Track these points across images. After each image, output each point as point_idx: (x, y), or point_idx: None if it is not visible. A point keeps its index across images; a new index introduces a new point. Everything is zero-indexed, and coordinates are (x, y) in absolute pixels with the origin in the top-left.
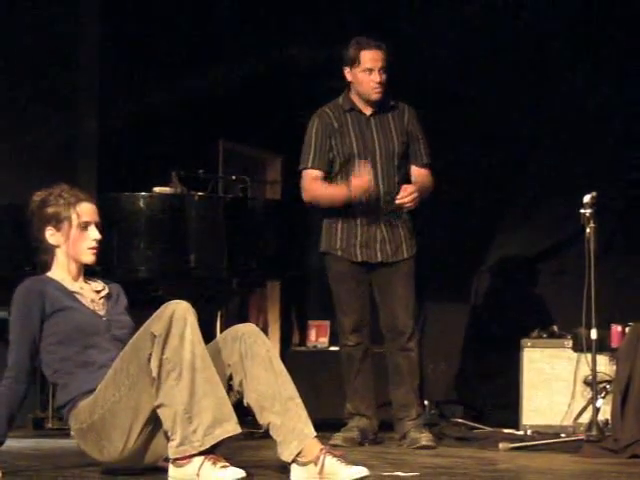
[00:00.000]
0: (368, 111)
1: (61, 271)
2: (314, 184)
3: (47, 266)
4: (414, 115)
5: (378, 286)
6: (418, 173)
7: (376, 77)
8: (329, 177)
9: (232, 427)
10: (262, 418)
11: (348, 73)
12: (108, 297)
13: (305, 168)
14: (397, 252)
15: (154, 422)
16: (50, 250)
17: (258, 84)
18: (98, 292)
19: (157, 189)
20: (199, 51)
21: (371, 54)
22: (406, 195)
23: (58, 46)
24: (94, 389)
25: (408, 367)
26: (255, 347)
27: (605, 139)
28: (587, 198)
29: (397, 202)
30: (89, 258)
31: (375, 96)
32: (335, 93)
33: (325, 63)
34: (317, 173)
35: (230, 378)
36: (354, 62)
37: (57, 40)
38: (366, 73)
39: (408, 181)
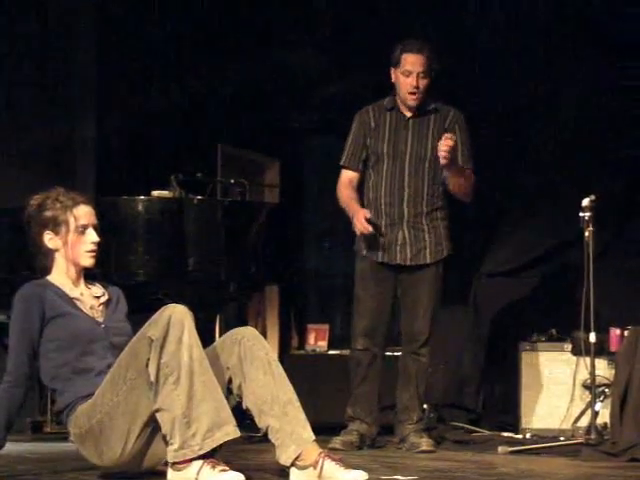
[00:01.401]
0: (409, 113)
1: (61, 275)
2: (344, 190)
3: (47, 270)
4: (458, 120)
5: (403, 288)
6: None
7: (413, 81)
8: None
9: (231, 430)
10: (261, 421)
11: (393, 73)
12: (108, 303)
13: (342, 165)
14: (418, 256)
15: (153, 426)
16: (49, 254)
17: (257, 88)
18: (98, 298)
19: (156, 193)
20: (197, 55)
21: (412, 58)
22: (445, 141)
23: (56, 50)
24: (92, 394)
25: (416, 371)
26: (254, 350)
27: (604, 142)
28: (586, 201)
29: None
30: (88, 261)
31: (410, 102)
32: (334, 98)
33: (324, 68)
34: (350, 175)
35: (229, 381)
36: (397, 63)
37: (55, 43)
38: (405, 76)
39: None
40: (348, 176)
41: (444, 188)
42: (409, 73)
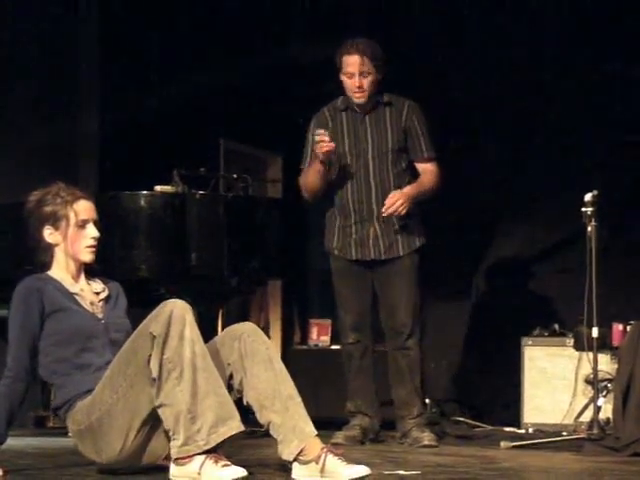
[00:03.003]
0: (363, 110)
1: (61, 270)
2: (301, 177)
3: (46, 265)
4: (414, 110)
5: (379, 284)
6: (422, 169)
7: (355, 82)
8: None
9: (236, 425)
10: (262, 417)
11: (340, 76)
12: (107, 299)
13: (303, 168)
14: (391, 249)
15: (152, 423)
16: (49, 249)
17: (259, 83)
18: (98, 294)
19: (158, 188)
20: (200, 50)
21: (350, 59)
22: (389, 206)
23: (58, 45)
24: (91, 390)
25: (408, 366)
26: (255, 345)
27: (605, 137)
28: (588, 197)
29: (383, 214)
30: (87, 257)
31: (357, 100)
32: (336, 93)
33: (326, 62)
34: None
35: (230, 377)
36: (340, 67)
37: (57, 39)
38: (347, 77)
39: (412, 176)
40: None
41: (410, 179)
42: (351, 75)
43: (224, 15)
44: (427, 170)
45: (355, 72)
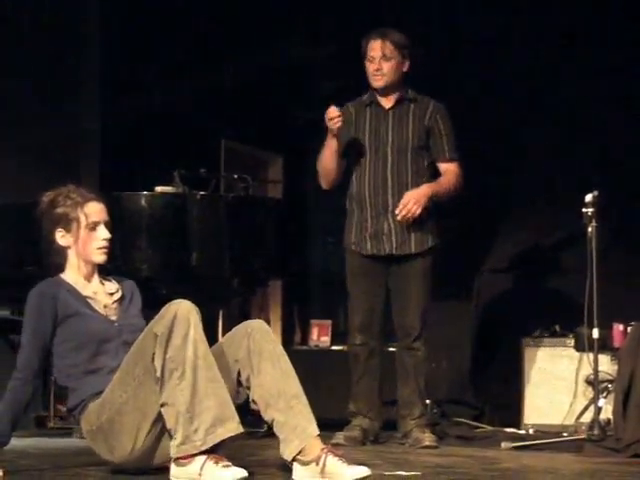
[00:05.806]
0: (387, 104)
1: (74, 272)
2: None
3: (60, 268)
4: (439, 110)
5: (392, 283)
6: (444, 169)
7: (375, 65)
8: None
9: (234, 426)
10: (267, 415)
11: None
12: (121, 299)
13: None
14: (403, 246)
15: (162, 422)
16: (62, 252)
17: (260, 83)
18: (111, 295)
19: (159, 188)
20: (201, 51)
21: (372, 43)
22: (402, 207)
23: (59, 45)
24: (102, 392)
25: (414, 366)
26: (263, 343)
27: (606, 138)
28: (589, 197)
29: (397, 218)
30: (99, 258)
31: (375, 83)
32: (337, 93)
33: (327, 63)
34: None
35: (238, 374)
36: (364, 54)
37: (58, 38)
38: (369, 61)
39: (432, 175)
40: None
41: (429, 178)
42: (373, 59)
43: (225, 15)
44: (448, 170)
45: (376, 56)
